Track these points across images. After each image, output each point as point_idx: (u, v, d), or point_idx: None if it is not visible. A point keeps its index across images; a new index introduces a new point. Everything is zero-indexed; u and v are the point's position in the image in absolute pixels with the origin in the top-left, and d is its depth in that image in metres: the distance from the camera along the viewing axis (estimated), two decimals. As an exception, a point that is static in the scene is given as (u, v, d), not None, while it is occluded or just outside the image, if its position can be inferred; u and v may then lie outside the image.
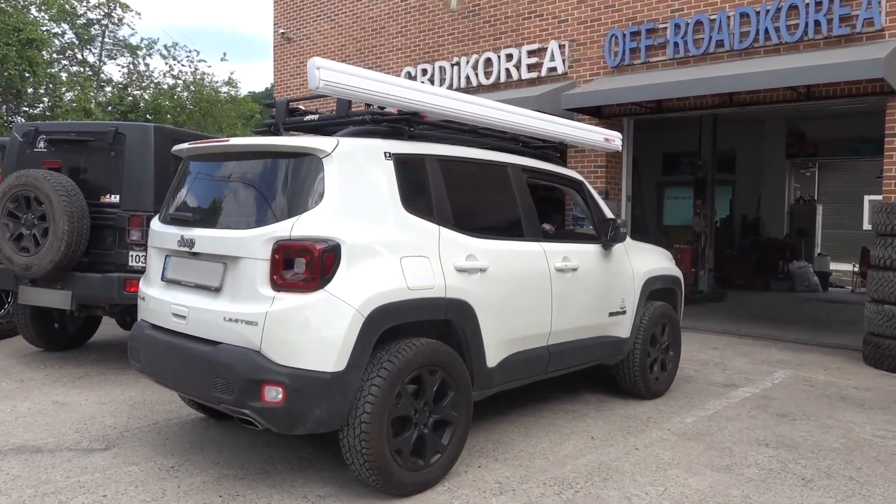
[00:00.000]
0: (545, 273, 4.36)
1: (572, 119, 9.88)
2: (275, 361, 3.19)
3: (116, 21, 23.95)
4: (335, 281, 3.23)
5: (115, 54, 24.82)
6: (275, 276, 3.24)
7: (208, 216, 3.69)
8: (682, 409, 5.26)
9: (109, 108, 22.64)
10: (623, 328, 5.13)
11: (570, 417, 4.92)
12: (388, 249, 3.45)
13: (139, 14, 41.70)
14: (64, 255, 5.38)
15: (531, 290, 4.24)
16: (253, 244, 3.30)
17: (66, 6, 22.09)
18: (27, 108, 20.55)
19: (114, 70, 46.17)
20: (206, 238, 3.53)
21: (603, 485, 3.73)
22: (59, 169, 5.71)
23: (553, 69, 10.35)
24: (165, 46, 28.77)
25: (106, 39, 24.29)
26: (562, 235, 5.44)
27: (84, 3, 23.20)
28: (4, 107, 19.93)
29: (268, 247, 3.25)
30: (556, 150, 4.95)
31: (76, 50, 23.49)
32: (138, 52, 24.32)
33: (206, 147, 3.75)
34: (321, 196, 3.34)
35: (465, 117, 4.10)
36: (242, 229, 3.39)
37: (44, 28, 20.15)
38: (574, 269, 4.60)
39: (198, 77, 23.66)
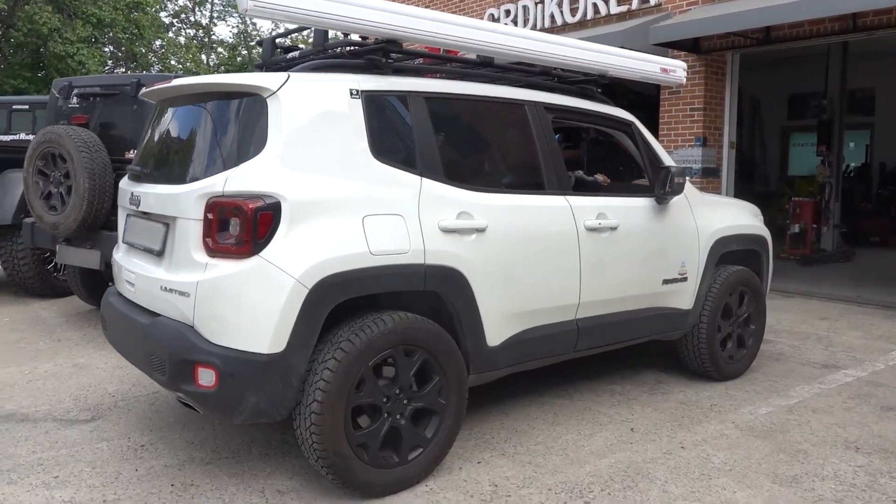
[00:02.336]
0: (571, 233, 3.60)
1: (666, 57, 8.76)
2: (208, 340, 2.73)
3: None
4: (272, 245, 2.69)
5: (225, 15, 25.38)
6: (208, 240, 2.74)
7: (155, 170, 3.25)
8: (759, 395, 4.36)
9: (221, 68, 23.26)
10: (683, 298, 4.27)
11: (613, 401, 4.18)
12: (347, 207, 2.85)
13: None
14: (87, 214, 5.22)
15: (551, 254, 3.51)
16: (186, 202, 2.82)
17: None
18: (144, 72, 21.51)
19: (224, 31, 47.30)
20: (149, 195, 3.10)
21: (622, 495, 3.02)
22: (86, 124, 5.54)
23: (645, 0, 9.19)
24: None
25: (215, 1, 24.89)
26: (616, 188, 4.61)
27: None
28: (123, 70, 20.91)
29: (200, 205, 2.76)
30: (597, 84, 4.09)
31: (189, 14, 24.24)
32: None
33: (155, 91, 3.28)
34: (263, 143, 2.79)
35: (457, 44, 3.37)
36: (179, 184, 2.91)
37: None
38: (613, 228, 3.80)
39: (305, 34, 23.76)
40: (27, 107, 8.51)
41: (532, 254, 3.42)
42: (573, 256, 3.61)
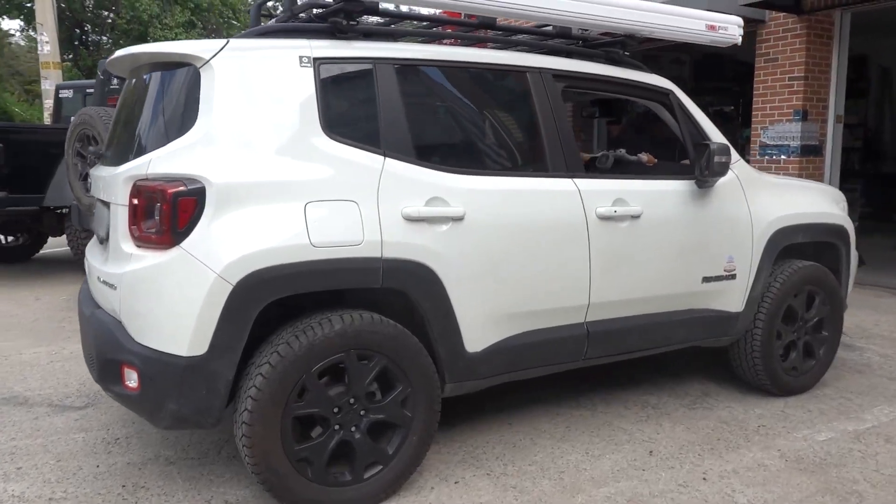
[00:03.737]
0: (578, 222, 3.09)
1: (758, 21, 7.77)
2: (132, 338, 2.48)
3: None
4: (194, 235, 2.39)
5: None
6: (133, 228, 2.49)
7: (106, 151, 3.04)
8: (824, 416, 3.67)
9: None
10: (730, 299, 3.64)
11: (641, 416, 3.64)
12: (286, 191, 2.50)
13: None
14: (118, 195, 5.19)
15: (550, 246, 3.02)
16: (116, 185, 2.57)
17: None
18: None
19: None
20: (99, 179, 2.89)
21: (608, 538, 2.54)
22: (121, 105, 5.52)
23: (739, -44, 8.21)
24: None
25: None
26: (657, 169, 4.00)
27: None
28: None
29: (126, 188, 2.50)
30: (623, 46, 3.49)
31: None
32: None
33: (112, 63, 3.03)
34: (194, 119, 2.49)
35: (439, 2, 2.89)
36: (117, 166, 2.67)
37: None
38: (635, 217, 3.24)
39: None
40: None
41: (524, 246, 2.94)
42: (580, 249, 3.09)
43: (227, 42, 2.56)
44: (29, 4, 16.50)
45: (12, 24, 20.09)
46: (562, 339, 3.14)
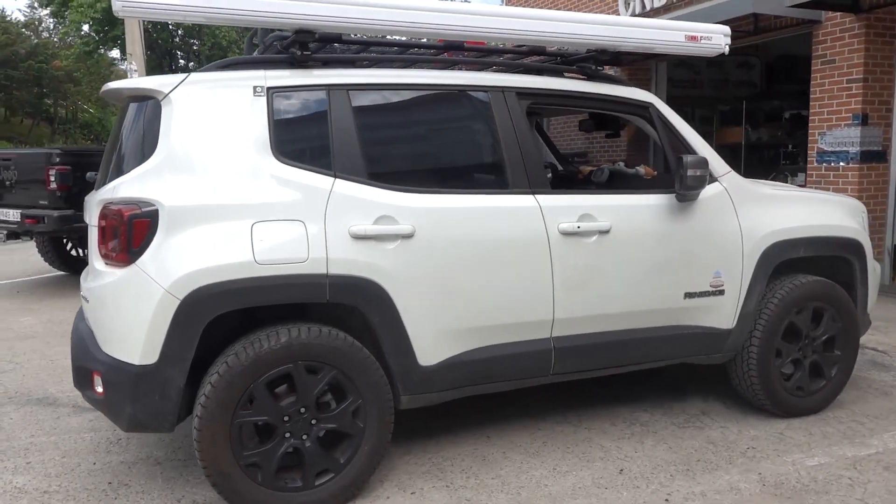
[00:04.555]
0: (538, 238, 3.10)
1: (813, 21, 7.38)
2: (100, 347, 2.72)
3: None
4: (148, 253, 2.59)
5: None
6: (102, 247, 2.73)
7: (98, 177, 3.32)
8: (825, 440, 3.50)
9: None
10: (719, 315, 3.53)
11: (625, 434, 3.58)
12: (234, 213, 2.67)
13: None
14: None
15: (507, 262, 3.05)
16: (91, 208, 2.84)
17: None
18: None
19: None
20: (87, 202, 3.16)
21: (541, 555, 2.54)
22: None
23: (793, -46, 7.86)
24: None
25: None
26: (649, 182, 3.93)
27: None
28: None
29: (97, 211, 2.75)
30: (595, 61, 3.46)
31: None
32: None
33: (102, 94, 3.29)
34: (154, 148, 2.71)
35: (383, 28, 2.96)
36: (96, 191, 2.93)
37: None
38: (603, 232, 3.22)
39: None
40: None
41: (477, 262, 2.99)
42: (541, 265, 3.11)
43: (187, 76, 2.77)
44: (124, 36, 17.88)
45: (114, 53, 21.81)
46: (525, 353, 3.15)
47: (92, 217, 2.83)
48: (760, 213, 3.61)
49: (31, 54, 23.17)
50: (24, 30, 24.32)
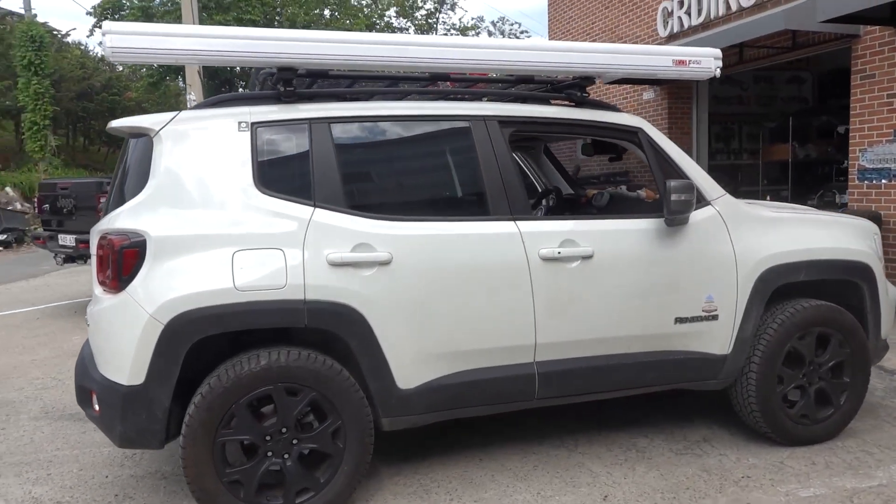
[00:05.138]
0: (518, 264, 3.16)
1: (851, 36, 7.16)
2: (97, 368, 2.93)
3: (450, 6, 25.71)
4: (136, 281, 2.78)
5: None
6: (100, 275, 2.94)
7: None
8: (827, 470, 3.40)
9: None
10: (713, 340, 3.49)
11: (618, 459, 3.56)
12: (216, 242, 2.84)
13: None
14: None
15: (487, 287, 3.11)
16: (93, 238, 3.06)
17: (406, 4, 24.51)
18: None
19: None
20: (90, 232, 3.38)
21: (504, 578, 2.57)
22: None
23: (832, -31, 7.67)
24: (493, 23, 29.99)
25: (438, 26, 26.30)
26: (645, 206, 3.93)
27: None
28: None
29: (95, 241, 2.97)
30: (580, 88, 3.50)
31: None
32: (466, 34, 25.75)
33: (108, 130, 3.52)
34: (145, 181, 2.91)
35: (362, 64, 3.10)
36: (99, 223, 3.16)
37: (388, 19, 22.64)
38: (586, 257, 3.25)
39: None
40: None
41: (456, 288, 3.07)
42: (521, 290, 3.16)
43: (177, 114, 2.97)
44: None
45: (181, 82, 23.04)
46: (507, 378, 3.20)
47: (92, 246, 3.05)
48: (757, 237, 3.56)
49: (105, 87, 24.51)
50: (99, 63, 25.82)
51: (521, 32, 27.05)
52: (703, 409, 4.21)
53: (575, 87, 3.51)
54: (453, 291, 3.07)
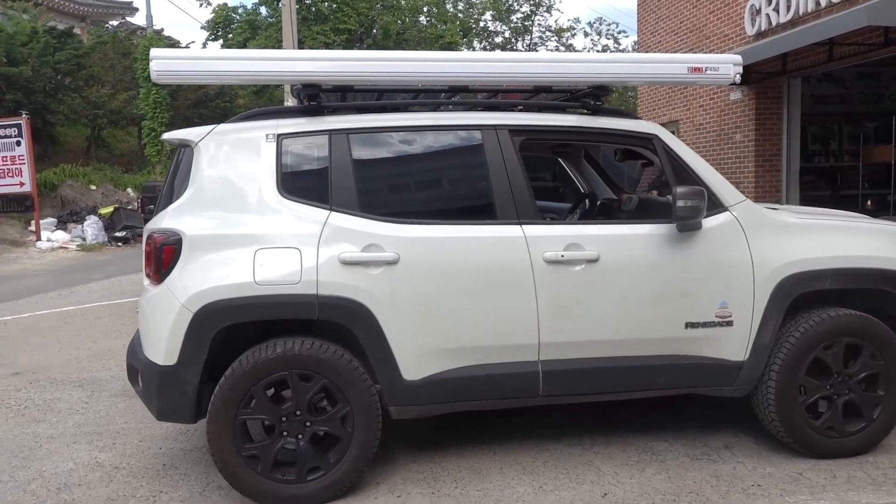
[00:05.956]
0: (522, 266, 3.29)
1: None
2: (142, 349, 3.33)
3: (546, 9, 25.64)
4: (173, 274, 3.15)
5: (545, 39, 26.61)
6: (146, 268, 3.35)
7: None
8: (848, 484, 3.32)
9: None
10: (728, 347, 3.48)
11: (632, 460, 3.61)
12: (241, 241, 3.16)
13: None
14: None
15: (491, 288, 3.27)
16: (144, 235, 3.47)
17: (501, 8, 24.66)
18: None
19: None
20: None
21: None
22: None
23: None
24: (590, 24, 29.53)
25: (533, 28, 26.26)
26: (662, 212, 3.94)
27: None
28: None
29: (145, 238, 3.38)
30: (594, 97, 3.57)
31: (511, 45, 26.08)
32: (562, 35, 25.59)
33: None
34: (187, 186, 3.29)
35: (374, 80, 3.34)
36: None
37: (484, 23, 22.89)
38: (591, 261, 3.34)
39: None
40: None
41: (460, 287, 3.25)
42: (525, 291, 3.29)
43: (214, 128, 3.34)
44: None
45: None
46: (511, 375, 3.34)
47: (143, 243, 3.47)
48: (778, 243, 3.51)
49: (218, 94, 26.21)
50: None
51: (619, 32, 26.58)
52: (732, 417, 4.15)
53: (589, 97, 3.60)
54: (457, 290, 3.25)
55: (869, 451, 3.63)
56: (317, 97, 3.38)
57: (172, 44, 25.51)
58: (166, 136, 3.57)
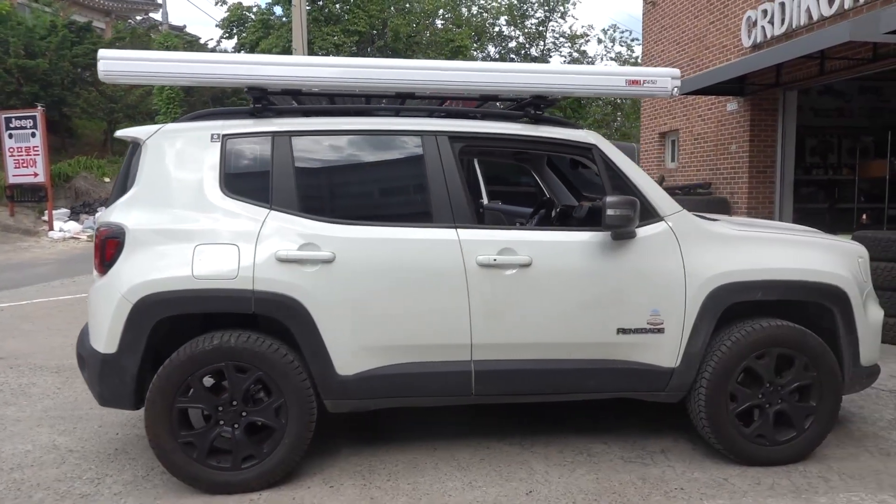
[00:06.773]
0: (454, 268, 3.40)
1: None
2: (88, 338, 3.48)
3: (560, 15, 25.65)
4: (116, 266, 3.29)
5: (559, 45, 26.62)
6: (95, 259, 3.50)
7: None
8: (770, 490, 3.38)
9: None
10: (659, 353, 3.56)
11: (566, 461, 3.70)
12: (182, 236, 3.30)
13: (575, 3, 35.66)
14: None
15: (423, 289, 3.38)
16: (94, 230, 3.63)
17: (516, 13, 24.71)
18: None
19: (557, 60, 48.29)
20: None
21: (392, 550, 2.84)
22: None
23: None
24: (604, 30, 29.46)
25: (548, 34, 26.27)
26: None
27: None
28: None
29: (95, 230, 3.53)
30: (535, 107, 3.66)
31: (525, 50, 26.12)
32: (575, 42, 25.58)
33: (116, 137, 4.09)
34: (133, 182, 3.43)
35: (315, 83, 3.46)
36: None
37: (497, 28, 23.00)
38: (524, 265, 3.44)
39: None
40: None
41: (393, 287, 3.36)
42: (458, 293, 3.40)
43: (161, 127, 3.48)
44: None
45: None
46: (443, 373, 3.44)
47: (94, 235, 3.62)
48: (711, 254, 3.58)
49: (235, 91, 26.54)
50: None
51: (633, 40, 26.60)
52: (679, 422, 4.22)
53: (531, 106, 3.70)
54: (391, 290, 3.36)
55: (800, 460, 3.69)
56: (262, 100, 3.51)
57: (192, 40, 25.87)
58: (119, 133, 3.72)
